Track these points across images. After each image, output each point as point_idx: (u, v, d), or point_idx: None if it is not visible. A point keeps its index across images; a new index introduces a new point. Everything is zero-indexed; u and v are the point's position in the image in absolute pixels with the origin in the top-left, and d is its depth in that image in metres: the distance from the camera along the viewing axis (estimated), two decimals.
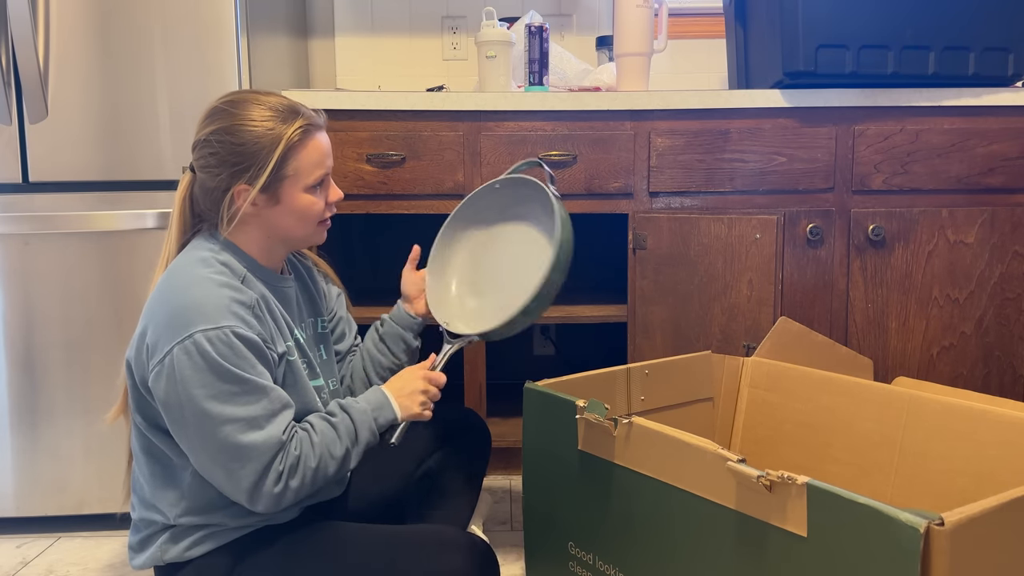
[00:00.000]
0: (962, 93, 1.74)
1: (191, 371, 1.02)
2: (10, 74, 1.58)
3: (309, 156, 1.14)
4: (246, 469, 1.03)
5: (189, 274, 1.08)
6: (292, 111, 1.14)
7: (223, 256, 1.12)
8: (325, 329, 1.33)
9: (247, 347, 1.05)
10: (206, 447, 1.04)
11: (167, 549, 1.12)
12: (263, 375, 1.06)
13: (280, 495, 1.06)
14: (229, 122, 1.11)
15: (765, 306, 1.63)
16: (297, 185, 1.14)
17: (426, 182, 1.75)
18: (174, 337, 1.03)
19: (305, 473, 1.07)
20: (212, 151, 1.11)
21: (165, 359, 1.03)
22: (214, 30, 1.60)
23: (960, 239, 1.77)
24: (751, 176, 1.76)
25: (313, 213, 1.17)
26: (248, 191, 1.11)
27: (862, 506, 0.81)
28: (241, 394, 1.03)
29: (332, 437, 1.11)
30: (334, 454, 1.10)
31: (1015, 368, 1.80)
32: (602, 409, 1.12)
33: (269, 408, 1.05)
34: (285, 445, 1.06)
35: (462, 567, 1.10)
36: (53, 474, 1.67)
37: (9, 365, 1.64)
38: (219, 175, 1.11)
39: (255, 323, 1.08)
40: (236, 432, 1.03)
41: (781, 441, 1.44)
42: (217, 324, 1.03)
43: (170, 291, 1.08)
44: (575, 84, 1.98)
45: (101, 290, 1.63)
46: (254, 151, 1.10)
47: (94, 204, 1.62)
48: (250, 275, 1.14)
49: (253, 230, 1.16)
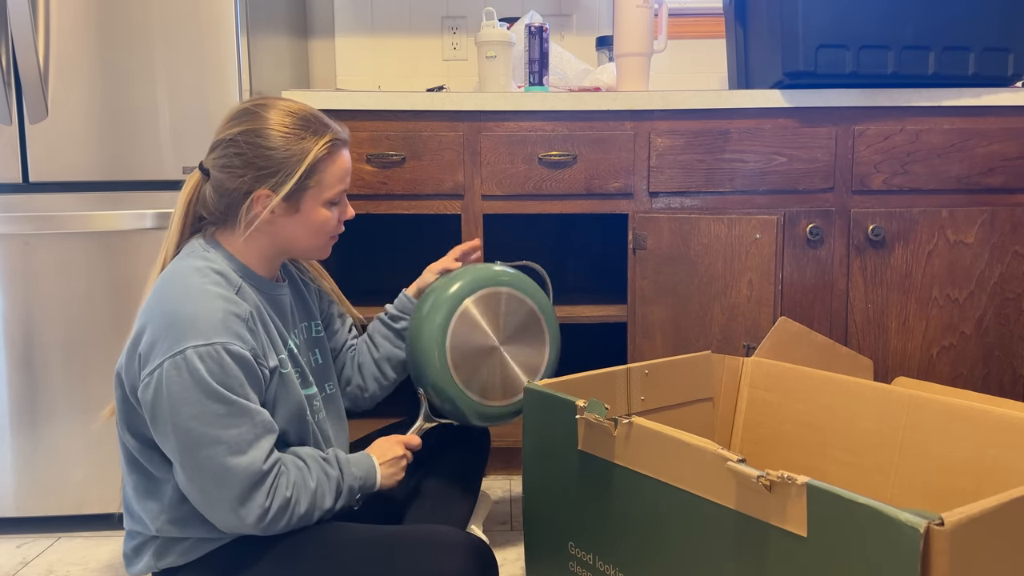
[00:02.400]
0: (962, 93, 1.74)
1: (179, 388, 1.01)
2: (10, 74, 1.58)
3: (333, 171, 1.15)
4: (222, 493, 1.03)
5: (184, 284, 1.07)
6: (322, 123, 1.15)
7: (219, 265, 1.11)
8: (319, 333, 1.33)
9: (238, 365, 1.04)
10: (185, 465, 1.04)
11: (162, 555, 1.12)
12: (250, 396, 1.06)
13: (264, 527, 1.06)
14: (260, 124, 1.11)
15: (765, 306, 1.63)
16: (319, 197, 1.15)
17: (426, 182, 1.75)
18: (166, 351, 1.02)
19: (292, 517, 1.08)
20: (238, 151, 1.11)
21: (155, 372, 1.02)
22: (214, 30, 1.60)
23: (960, 239, 1.77)
24: (751, 176, 1.76)
25: (328, 228, 1.18)
26: (270, 197, 1.11)
27: (862, 506, 0.81)
28: (226, 415, 1.03)
29: (325, 490, 1.13)
30: (322, 506, 1.12)
31: (1015, 368, 1.80)
32: (602, 409, 1.12)
33: (252, 432, 1.05)
34: (267, 476, 1.05)
35: (461, 567, 1.10)
36: (53, 474, 1.67)
37: (9, 365, 1.64)
38: (242, 176, 1.11)
39: (248, 337, 1.07)
40: (217, 455, 1.02)
41: (781, 441, 1.44)
42: (209, 340, 1.02)
43: (165, 301, 1.07)
44: (575, 84, 1.98)
45: (101, 290, 1.63)
46: (282, 157, 1.10)
47: (94, 204, 1.62)
48: (245, 285, 1.13)
49: (262, 237, 1.15)
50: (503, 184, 1.75)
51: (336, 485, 1.14)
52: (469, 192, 1.76)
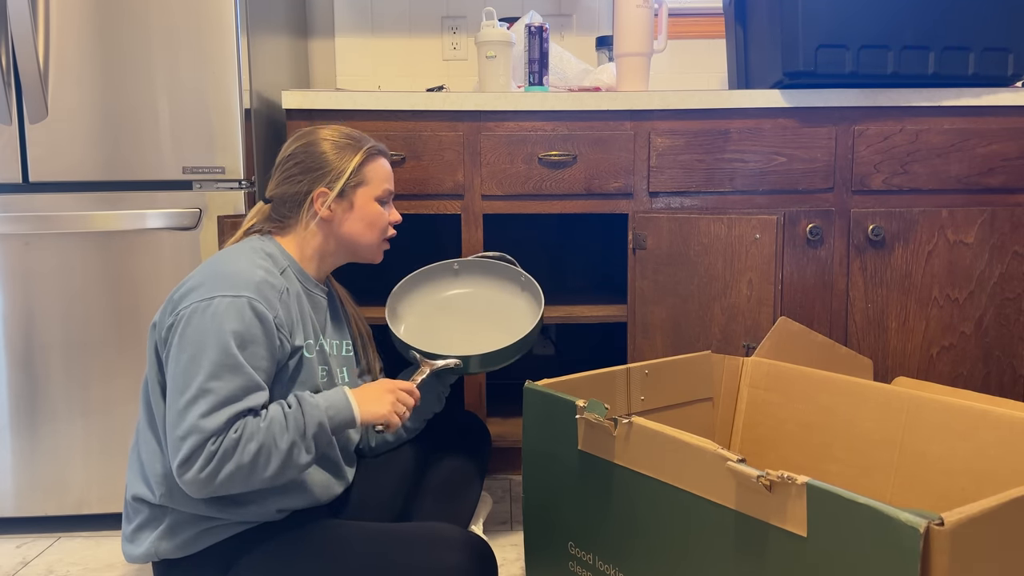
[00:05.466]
0: (962, 93, 1.74)
1: (197, 325, 1.08)
2: (10, 74, 1.58)
3: (378, 172, 1.32)
4: (187, 441, 1.03)
5: (233, 254, 1.20)
6: (363, 137, 1.33)
7: (270, 249, 1.25)
8: (350, 352, 1.37)
9: (260, 321, 1.10)
10: (170, 406, 1.07)
11: (160, 544, 1.12)
12: (255, 356, 1.09)
13: (207, 480, 1.03)
14: (313, 138, 1.30)
15: (765, 306, 1.63)
16: (369, 194, 1.31)
17: (426, 182, 1.75)
18: (198, 297, 1.10)
19: (242, 457, 1.04)
20: (297, 161, 1.28)
21: (182, 311, 1.09)
22: (214, 30, 1.60)
23: (960, 239, 1.77)
24: (751, 176, 1.76)
25: (381, 222, 1.33)
26: (327, 194, 1.26)
27: (862, 506, 0.81)
28: (220, 367, 1.06)
29: (280, 426, 1.08)
30: (279, 444, 1.07)
31: (1015, 368, 1.80)
32: (602, 409, 1.12)
33: (237, 393, 1.06)
34: (222, 432, 1.04)
35: (461, 565, 1.10)
36: (53, 474, 1.67)
37: (9, 365, 1.64)
38: (301, 181, 1.27)
39: (277, 306, 1.14)
40: (195, 400, 1.04)
41: (781, 441, 1.44)
42: (238, 293, 1.10)
43: (210, 264, 1.18)
44: (575, 84, 1.98)
45: (101, 290, 1.63)
46: (334, 158, 1.28)
47: (94, 204, 1.62)
48: (289, 271, 1.24)
49: (322, 235, 1.29)
50: (503, 184, 1.75)
51: (294, 420, 1.09)
52: (469, 192, 1.76)
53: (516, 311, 1.52)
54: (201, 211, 1.63)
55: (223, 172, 1.63)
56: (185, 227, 1.63)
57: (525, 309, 1.53)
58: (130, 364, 1.65)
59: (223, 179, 1.63)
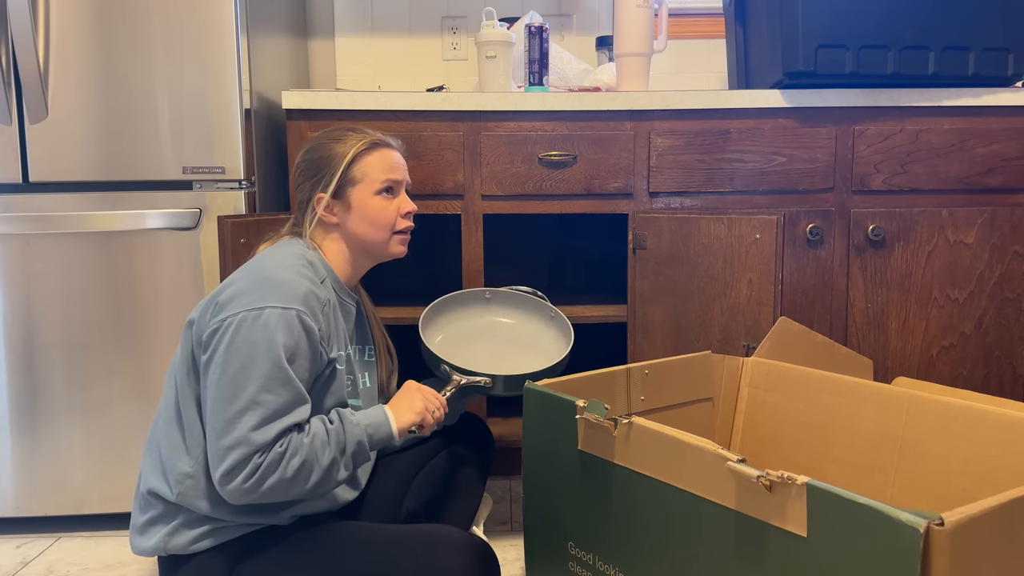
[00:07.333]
0: (962, 93, 1.74)
1: (246, 336, 1.06)
2: (10, 74, 1.58)
3: (374, 162, 1.27)
4: (234, 452, 1.03)
5: (281, 259, 1.18)
6: (364, 133, 1.29)
7: (311, 256, 1.23)
8: (372, 358, 1.37)
9: (307, 335, 1.10)
10: (215, 414, 1.05)
11: (169, 540, 1.12)
12: (300, 369, 1.09)
13: (249, 490, 1.04)
14: (311, 144, 1.30)
15: (765, 306, 1.63)
16: (366, 189, 1.26)
17: (426, 182, 1.75)
18: (246, 304, 1.08)
19: (286, 471, 1.05)
20: (300, 170, 1.29)
21: (230, 319, 1.08)
22: (214, 30, 1.60)
23: (960, 239, 1.77)
24: (751, 176, 1.76)
25: (384, 217, 1.28)
26: (323, 198, 1.25)
27: (862, 506, 0.81)
28: (271, 380, 1.05)
29: (323, 442, 1.10)
30: (320, 460, 1.09)
31: (1015, 368, 1.80)
32: (602, 409, 1.12)
33: (286, 407, 1.06)
34: (270, 447, 1.05)
35: (462, 567, 1.10)
36: (53, 474, 1.67)
37: (9, 365, 1.64)
38: (302, 188, 1.28)
39: (321, 319, 1.14)
40: (245, 412, 1.04)
41: (781, 441, 1.44)
42: (288, 305, 1.09)
43: (257, 267, 1.16)
44: (575, 84, 1.98)
45: (101, 290, 1.63)
46: (327, 161, 1.26)
47: (94, 204, 1.62)
48: (328, 281, 1.25)
49: (338, 241, 1.28)
50: (503, 184, 1.75)
51: (336, 437, 1.11)
52: (469, 192, 1.76)
53: (543, 342, 1.54)
54: (201, 211, 1.63)
55: (223, 172, 1.63)
56: (185, 227, 1.63)
57: (552, 341, 1.54)
58: (130, 364, 1.65)
59: (223, 179, 1.64)
